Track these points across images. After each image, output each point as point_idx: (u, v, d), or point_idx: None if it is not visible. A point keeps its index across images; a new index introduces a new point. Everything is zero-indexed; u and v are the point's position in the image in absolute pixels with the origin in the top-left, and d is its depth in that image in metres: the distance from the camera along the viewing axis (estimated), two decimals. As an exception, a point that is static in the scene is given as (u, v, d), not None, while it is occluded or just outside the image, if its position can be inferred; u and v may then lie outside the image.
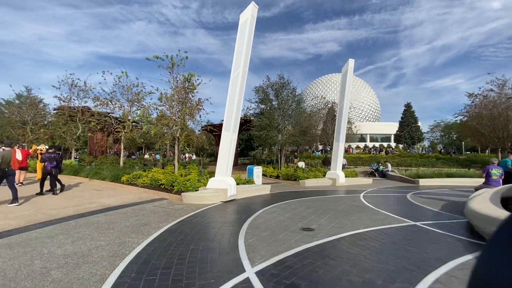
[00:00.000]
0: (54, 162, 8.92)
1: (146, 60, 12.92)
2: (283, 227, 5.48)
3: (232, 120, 8.58)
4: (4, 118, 18.29)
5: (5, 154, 7.11)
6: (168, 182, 9.88)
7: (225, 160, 8.65)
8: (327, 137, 26.44)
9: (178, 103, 12.96)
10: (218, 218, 6.31)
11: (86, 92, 15.93)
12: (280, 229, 5.32)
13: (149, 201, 8.28)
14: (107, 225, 5.42)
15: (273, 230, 5.28)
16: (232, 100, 8.64)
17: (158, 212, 6.77)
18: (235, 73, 8.68)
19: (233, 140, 8.79)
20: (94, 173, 12.66)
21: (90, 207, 7.09)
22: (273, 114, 17.27)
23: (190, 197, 8.14)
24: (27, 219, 5.68)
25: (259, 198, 9.40)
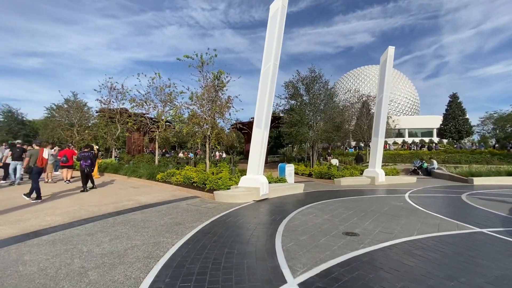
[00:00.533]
0: (88, 160, 9.37)
1: (178, 61, 13.14)
2: (323, 231, 5.01)
3: (263, 116, 8.24)
4: (55, 121, 20.11)
5: (33, 152, 7.71)
6: (200, 180, 9.90)
7: (256, 158, 8.36)
8: (362, 133, 24.90)
9: (208, 101, 12.99)
10: (252, 218, 6.03)
11: (123, 94, 16.80)
12: (320, 233, 4.87)
13: (183, 199, 8.31)
14: (142, 223, 5.44)
15: (312, 233, 4.85)
16: (263, 95, 8.30)
17: (191, 210, 6.71)
18: (266, 67, 8.32)
19: (265, 137, 8.46)
20: (132, 171, 13.24)
21: (128, 204, 7.28)
22: (304, 110, 16.61)
23: (222, 195, 8.00)
24: (71, 215, 5.94)
25: (292, 197, 8.97)
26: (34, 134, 30.12)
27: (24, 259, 3.54)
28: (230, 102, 13.34)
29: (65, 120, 20.29)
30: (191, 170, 12.43)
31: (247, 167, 8.57)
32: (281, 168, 11.47)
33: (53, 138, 20.05)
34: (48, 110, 23.74)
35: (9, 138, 27.76)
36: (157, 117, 16.60)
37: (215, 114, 13.29)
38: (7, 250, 3.86)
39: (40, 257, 3.61)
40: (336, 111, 17.31)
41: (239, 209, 6.92)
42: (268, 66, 8.24)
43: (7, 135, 29.39)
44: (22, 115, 32.93)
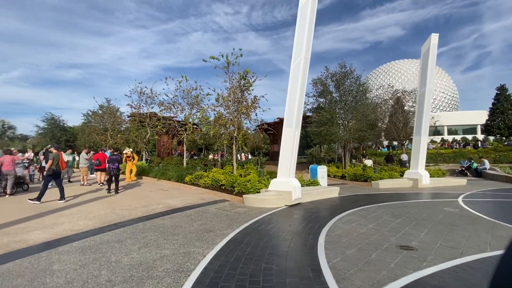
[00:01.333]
0: (116, 163, 9.54)
1: (203, 66, 13.01)
2: (372, 243, 4.33)
3: (294, 114, 7.69)
4: (91, 127, 21.27)
5: (56, 155, 7.76)
6: (228, 183, 9.58)
7: (287, 160, 7.81)
8: (398, 131, 23.12)
9: (234, 102, 12.72)
10: (286, 226, 5.50)
11: (152, 99, 17.19)
12: (369, 246, 4.20)
13: (211, 202, 8.02)
14: (172, 229, 5.17)
15: (360, 246, 4.20)
16: (294, 92, 7.75)
17: (220, 216, 6.35)
18: (296, 62, 7.76)
19: (296, 137, 7.89)
20: (161, 173, 13.36)
21: (157, 208, 7.13)
22: (334, 108, 15.69)
23: (252, 199, 7.57)
24: (103, 219, 5.87)
25: (327, 202, 8.27)
26: (74, 139, 32.37)
27: (53, 268, 3.36)
28: (256, 102, 12.94)
29: (100, 125, 21.36)
30: (219, 172, 12.20)
31: (278, 170, 8.05)
32: (312, 170, 10.78)
33: (89, 142, 21.21)
34: (84, 116, 25.23)
35: (53, 143, 30.04)
36: (185, 120, 16.75)
37: (241, 115, 12.98)
38: (37, 257, 3.74)
39: (68, 267, 3.42)
40: (369, 108, 16.13)
41: (271, 215, 6.43)
42: (298, 60, 7.67)
43: (51, 141, 31.87)
44: (64, 122, 35.62)
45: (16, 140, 40.60)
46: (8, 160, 8.15)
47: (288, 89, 7.86)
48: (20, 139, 42.46)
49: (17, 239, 4.50)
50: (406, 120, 23.20)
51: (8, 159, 8.17)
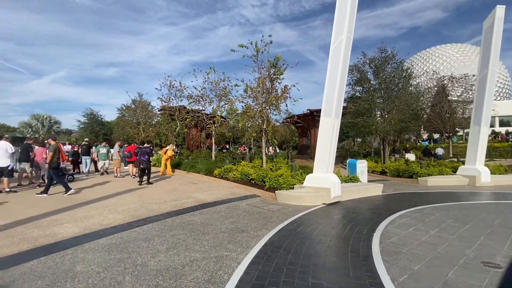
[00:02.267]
0: (145, 156, 9.62)
1: (231, 51, 12.50)
2: (443, 257, 3.48)
3: (334, 102, 6.83)
4: (125, 120, 22.06)
5: (55, 147, 7.32)
6: (258, 177, 9.04)
7: (325, 153, 7.02)
8: (443, 122, 20.79)
9: (263, 93, 12.07)
10: (328, 229, 4.80)
11: (181, 91, 17.15)
12: (440, 260, 3.36)
13: (242, 197, 7.55)
14: (202, 227, 4.74)
15: (428, 260, 3.38)
16: (333, 77, 6.88)
17: (253, 213, 5.82)
18: (336, 42, 6.85)
19: (336, 127, 7.04)
20: (191, 166, 13.26)
21: (187, 202, 6.82)
22: (373, 97, 14.31)
23: (285, 196, 6.94)
24: (132, 213, 5.65)
25: (370, 201, 7.36)
26: (110, 133, 34.19)
27: (76, 270, 3.06)
28: (287, 92, 12.14)
29: (133, 119, 22.06)
30: (248, 166, 11.73)
31: (314, 164, 7.30)
32: (351, 164, 9.81)
33: (123, 135, 22.04)
34: (119, 110, 26.33)
35: (92, 137, 32.00)
36: (213, 113, 16.51)
37: (271, 106, 12.30)
38: (63, 255, 3.50)
39: (91, 269, 3.10)
40: (413, 96, 14.43)
41: (308, 215, 5.75)
42: (339, 40, 6.76)
43: (91, 134, 34.02)
44: (101, 116, 37.79)
45: (61, 134, 44.27)
46: (40, 152, 8.39)
47: (327, 73, 7.00)
48: (64, 133, 46.27)
49: (47, 232, 4.37)
50: (451, 110, 20.76)
51: (40, 151, 8.42)
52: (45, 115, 44.90)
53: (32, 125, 43.02)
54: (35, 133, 43.27)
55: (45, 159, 8.54)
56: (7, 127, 53.37)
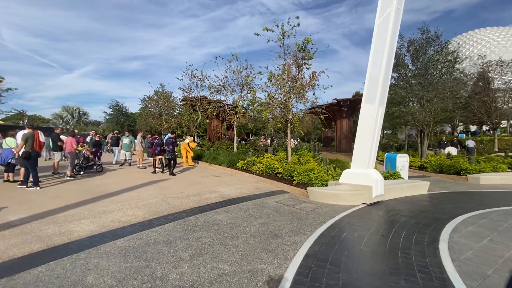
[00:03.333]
0: (170, 146, 9.64)
1: (255, 35, 11.65)
2: (556, 288, 2.59)
3: (379, 87, 5.87)
4: (147, 111, 22.17)
5: (29, 135, 6.60)
6: (286, 171, 8.33)
7: (366, 145, 6.12)
8: (488, 112, 18.61)
9: (288, 81, 11.19)
10: (379, 237, 4.00)
11: (203, 81, 16.68)
12: (554, 294, 2.48)
13: (269, 193, 6.91)
14: (229, 229, 4.16)
15: (536, 292, 2.51)
16: (378, 57, 5.89)
17: (284, 213, 5.15)
18: (383, 16, 5.82)
19: (380, 116, 6.10)
20: (213, 158, 12.83)
21: (210, 197, 6.30)
22: (411, 84, 12.88)
23: (319, 193, 6.18)
24: (153, 209, 5.21)
25: (417, 201, 6.40)
26: (135, 124, 35.01)
27: (86, 282, 2.58)
28: (315, 78, 11.16)
29: (155, 110, 22.09)
30: (272, 158, 11.06)
31: (352, 158, 6.42)
32: (390, 159, 8.76)
33: (146, 126, 22.19)
34: (142, 102, 26.63)
35: (118, 128, 32.91)
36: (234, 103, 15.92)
37: (297, 94, 11.41)
38: (75, 260, 3.06)
39: (104, 280, 2.61)
40: (460, 83, 12.76)
41: (349, 217, 4.97)
42: (387, 13, 5.73)
43: (116, 125, 35.04)
44: (126, 108, 38.79)
45: (89, 125, 46.33)
46: (70, 142, 8.29)
47: (370, 53, 6.02)
48: (92, 124, 48.37)
49: (62, 229, 4.01)
50: (496, 98, 18.48)
51: (70, 141, 8.31)
52: (74, 107, 47.10)
53: (63, 116, 45.33)
54: (66, 124, 45.62)
55: (75, 149, 8.45)
56: (42, 118, 56.72)
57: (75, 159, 8.44)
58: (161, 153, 10.14)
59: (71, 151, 8.23)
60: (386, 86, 6.05)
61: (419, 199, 6.57)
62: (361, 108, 6.19)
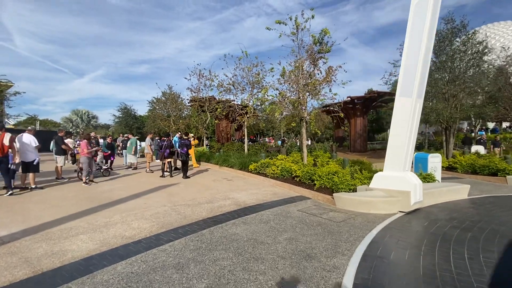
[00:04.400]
0: (184, 148, 9.15)
1: (267, 30, 10.98)
2: None
3: (417, 77, 5.09)
4: (155, 113, 21.80)
5: None
6: (305, 174, 7.59)
7: (402, 145, 5.34)
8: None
9: (303, 77, 10.47)
10: (435, 257, 3.23)
11: (212, 80, 16.10)
12: None
13: (288, 200, 6.20)
14: (251, 247, 3.47)
15: None
16: (416, 42, 5.11)
17: (311, 224, 4.43)
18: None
19: (418, 111, 5.32)
20: (223, 160, 12.20)
21: (224, 205, 5.64)
22: (435, 78, 11.94)
23: (348, 200, 5.42)
24: (161, 220, 4.58)
25: (460, 208, 5.56)
26: (143, 126, 34.84)
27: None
28: (332, 73, 10.38)
29: (164, 111, 21.70)
30: (287, 160, 10.35)
31: (385, 159, 5.64)
32: (421, 159, 7.89)
33: (154, 128, 21.82)
34: (150, 103, 26.33)
35: (126, 131, 32.77)
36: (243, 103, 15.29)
37: (313, 91, 10.67)
38: (62, 295, 2.43)
39: (95, 329, 1.96)
40: (489, 76, 11.72)
41: (390, 230, 4.21)
42: (426, -9, 4.95)
43: (125, 128, 34.97)
44: (134, 111, 38.76)
45: (98, 128, 46.57)
46: (83, 145, 7.73)
47: (406, 38, 5.24)
48: (102, 127, 48.63)
49: (55, 249, 3.41)
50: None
51: (83, 145, 7.75)
52: (83, 110, 47.50)
53: (72, 120, 45.74)
54: (76, 127, 46.01)
55: (89, 153, 7.87)
56: (54, 122, 57.57)
57: (89, 164, 7.85)
58: (171, 156, 9.61)
59: (85, 155, 7.69)
60: (424, 76, 5.27)
61: (462, 206, 5.73)
62: (395, 102, 5.41)
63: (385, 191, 5.42)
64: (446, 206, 5.64)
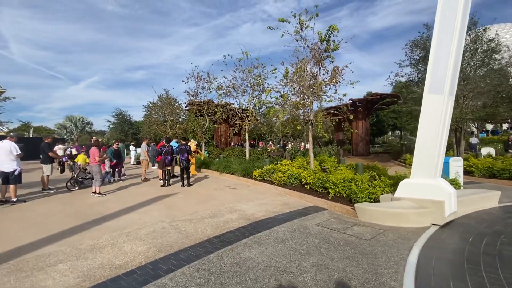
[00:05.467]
0: (185, 154, 8.51)
1: (269, 29, 10.46)
2: None
3: (449, 69, 4.51)
4: (151, 118, 21.05)
5: None
6: (316, 182, 6.93)
7: (433, 148, 4.73)
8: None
9: (307, 77, 9.92)
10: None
11: (210, 83, 15.48)
12: None
13: (302, 211, 5.52)
14: (272, 278, 2.79)
15: None
16: (447, 32, 4.54)
17: (337, 243, 3.76)
18: (451, -20, 4.49)
19: (449, 110, 4.72)
20: (224, 166, 11.51)
21: (231, 219, 4.94)
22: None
23: (373, 213, 4.77)
24: (159, 241, 3.87)
25: (498, 218, 4.93)
26: (139, 132, 33.99)
27: None
28: (339, 73, 9.82)
29: (160, 116, 20.97)
30: (293, 165, 9.70)
31: (413, 165, 5.01)
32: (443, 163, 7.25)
33: (150, 134, 21.06)
34: (145, 108, 25.56)
35: (122, 137, 31.90)
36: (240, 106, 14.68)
37: (318, 93, 10.11)
38: None
39: None
40: (502, 74, 11.27)
41: (432, 249, 3.55)
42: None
43: (120, 134, 34.08)
44: (130, 116, 37.88)
45: (93, 134, 45.50)
46: (92, 153, 6.97)
47: (434, 28, 4.67)
48: (96, 133, 47.56)
49: (26, 285, 2.68)
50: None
51: (93, 152, 7.00)
52: (78, 116, 46.48)
53: (66, 126, 44.66)
54: (71, 134, 44.90)
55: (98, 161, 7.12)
56: (48, 129, 56.34)
57: (100, 173, 7.12)
58: (171, 163, 8.87)
59: (95, 163, 6.97)
60: (457, 69, 4.69)
61: (498, 215, 5.10)
62: (423, 100, 4.81)
63: (414, 201, 4.77)
64: (481, 216, 5.01)
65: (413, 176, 4.98)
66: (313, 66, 10.09)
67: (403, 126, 23.02)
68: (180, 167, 8.72)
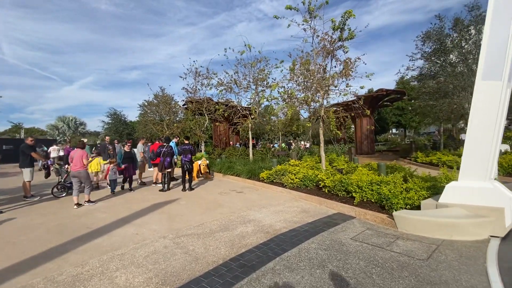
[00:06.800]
0: (188, 155, 7.77)
1: (275, 18, 9.65)
2: None
3: (509, 51, 3.74)
4: (147, 117, 20.07)
5: None
6: (337, 185, 6.15)
7: (487, 145, 3.97)
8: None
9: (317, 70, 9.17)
10: None
11: (209, 79, 14.60)
12: None
13: (326, 220, 4.74)
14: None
15: None
16: (506, 8, 3.78)
17: (390, 267, 2.96)
18: None
19: (507, 99, 3.95)
20: (227, 167, 10.66)
21: (247, 233, 4.12)
22: (462, 72, 10.81)
23: (419, 223, 3.99)
24: (161, 267, 3.03)
25: None
26: (134, 132, 32.90)
27: None
28: (352, 65, 9.06)
29: (156, 115, 20.04)
30: (302, 166, 8.95)
31: (461, 164, 4.23)
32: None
33: (146, 134, 20.09)
34: (141, 107, 24.52)
35: (116, 137, 30.79)
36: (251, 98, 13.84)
37: (329, 86, 9.39)
38: None
39: None
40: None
41: (510, 271, 2.78)
42: None
43: (115, 134, 32.93)
44: (125, 116, 36.74)
45: (86, 135, 44.15)
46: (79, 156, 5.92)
47: (488, 13, 3.91)
48: (90, 134, 46.17)
49: None
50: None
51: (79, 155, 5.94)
52: (70, 117, 45.06)
53: (59, 127, 43.21)
54: (63, 135, 43.47)
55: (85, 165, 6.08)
56: (40, 130, 54.65)
57: (89, 179, 6.18)
58: (171, 166, 8.01)
59: (81, 169, 5.98)
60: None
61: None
62: (474, 89, 4.05)
63: (467, 208, 4.01)
64: (539, 225, 4.27)
65: (461, 178, 4.20)
66: (324, 58, 9.34)
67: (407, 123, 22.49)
68: (182, 170, 7.86)
